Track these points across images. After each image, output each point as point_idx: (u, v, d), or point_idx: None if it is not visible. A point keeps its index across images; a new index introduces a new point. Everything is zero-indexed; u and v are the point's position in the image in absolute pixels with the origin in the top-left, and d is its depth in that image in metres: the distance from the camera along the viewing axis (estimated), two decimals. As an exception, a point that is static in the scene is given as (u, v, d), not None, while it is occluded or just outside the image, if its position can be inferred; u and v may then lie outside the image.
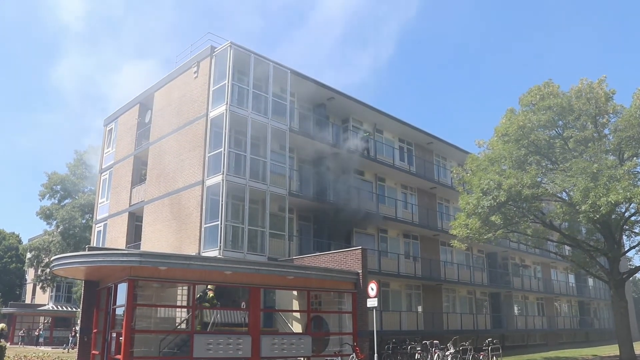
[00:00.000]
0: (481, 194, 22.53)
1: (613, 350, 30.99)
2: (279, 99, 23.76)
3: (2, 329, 16.37)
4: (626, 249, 28.34)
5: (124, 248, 24.68)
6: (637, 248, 27.49)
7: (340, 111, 28.35)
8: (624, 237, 27.54)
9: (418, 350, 22.65)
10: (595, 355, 30.85)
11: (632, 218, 25.25)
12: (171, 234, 22.56)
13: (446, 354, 21.62)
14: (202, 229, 20.78)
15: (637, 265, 28.26)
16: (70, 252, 31.23)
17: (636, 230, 26.80)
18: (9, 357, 9.17)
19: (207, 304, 17.04)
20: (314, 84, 25.63)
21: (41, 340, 43.08)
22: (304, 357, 17.05)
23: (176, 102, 24.53)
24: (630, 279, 44.53)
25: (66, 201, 45.76)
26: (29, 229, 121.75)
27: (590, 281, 51.77)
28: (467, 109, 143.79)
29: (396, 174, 30.80)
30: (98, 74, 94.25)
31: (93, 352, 17.03)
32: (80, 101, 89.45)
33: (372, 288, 17.58)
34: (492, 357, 21.57)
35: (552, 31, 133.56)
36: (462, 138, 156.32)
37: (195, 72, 23.48)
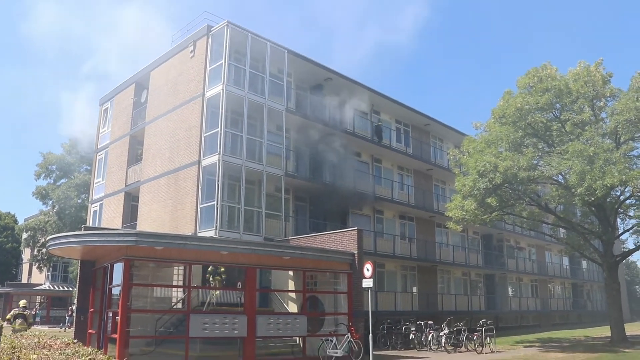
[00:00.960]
0: (477, 176, 22.57)
1: (605, 331, 31.37)
2: (276, 79, 23.59)
3: (24, 306, 16.33)
4: (620, 232, 28.58)
5: (120, 228, 24.68)
6: (631, 231, 27.75)
7: (337, 92, 28.19)
8: (619, 220, 27.77)
9: (412, 330, 22.88)
10: (587, 336, 31.22)
11: (627, 201, 25.40)
12: (167, 214, 22.55)
13: (440, 334, 21.84)
14: (198, 209, 20.77)
15: (631, 248, 28.46)
16: (66, 232, 31.23)
17: (630, 214, 26.98)
18: (5, 336, 9.20)
19: (218, 278, 17.28)
20: (311, 64, 25.48)
21: (38, 319, 43.27)
22: (299, 336, 17.21)
23: (172, 81, 24.33)
24: (623, 261, 44.97)
25: (62, 181, 45.69)
26: (25, 208, 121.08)
27: (584, 264, 52.25)
28: (464, 91, 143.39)
29: (393, 155, 30.79)
30: (73, 25, 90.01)
31: (90, 331, 17.12)
32: (56, 55, 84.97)
33: (368, 269, 17.66)
34: (485, 338, 21.74)
35: (551, 14, 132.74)
36: (459, 120, 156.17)
37: (191, 52, 23.25)
